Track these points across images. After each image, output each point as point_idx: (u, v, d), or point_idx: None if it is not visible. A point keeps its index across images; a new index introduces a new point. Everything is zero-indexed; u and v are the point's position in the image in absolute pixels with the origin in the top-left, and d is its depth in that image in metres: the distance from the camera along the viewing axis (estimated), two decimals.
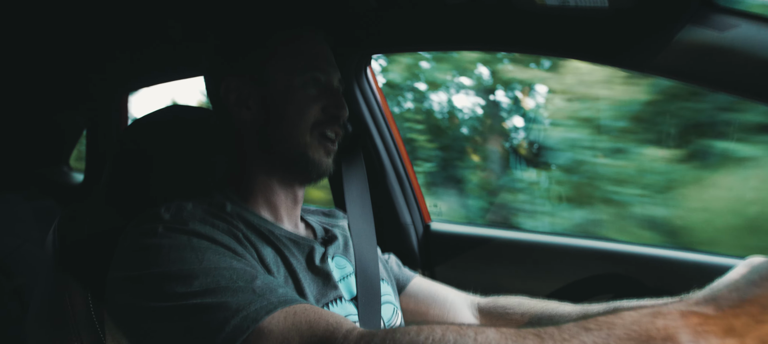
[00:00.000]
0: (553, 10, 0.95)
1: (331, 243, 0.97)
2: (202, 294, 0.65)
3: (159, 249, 0.71)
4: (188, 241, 0.72)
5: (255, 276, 0.70)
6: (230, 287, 0.66)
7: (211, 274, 0.68)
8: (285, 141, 0.90)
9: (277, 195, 0.94)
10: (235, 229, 0.80)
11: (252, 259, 0.77)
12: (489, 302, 1.09)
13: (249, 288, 0.67)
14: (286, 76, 0.90)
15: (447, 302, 1.09)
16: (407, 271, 1.17)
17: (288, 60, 0.91)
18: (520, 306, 1.03)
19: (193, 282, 0.66)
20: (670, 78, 0.94)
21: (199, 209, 0.82)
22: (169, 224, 0.75)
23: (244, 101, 0.91)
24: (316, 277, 0.86)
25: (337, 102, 0.93)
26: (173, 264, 0.69)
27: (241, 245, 0.78)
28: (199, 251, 0.71)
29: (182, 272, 0.68)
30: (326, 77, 0.94)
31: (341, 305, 0.86)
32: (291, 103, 0.90)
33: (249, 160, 0.93)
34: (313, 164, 0.92)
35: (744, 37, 0.82)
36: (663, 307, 0.52)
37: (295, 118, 0.90)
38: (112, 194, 1.00)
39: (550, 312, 0.99)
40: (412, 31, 1.23)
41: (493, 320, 1.06)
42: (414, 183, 1.54)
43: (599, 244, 1.31)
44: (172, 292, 0.66)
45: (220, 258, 0.71)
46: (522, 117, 2.69)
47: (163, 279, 0.68)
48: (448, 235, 1.51)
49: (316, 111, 0.91)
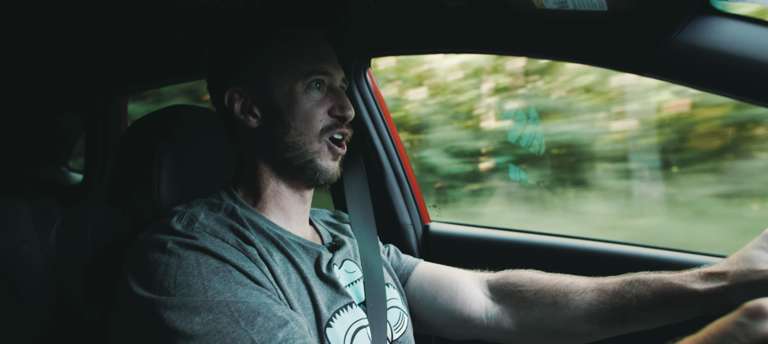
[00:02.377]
0: (552, 14, 0.95)
1: (339, 249, 0.96)
2: (201, 339, 0.66)
3: (167, 268, 0.72)
4: (196, 262, 0.72)
5: (257, 312, 0.70)
6: (230, 334, 0.67)
7: (214, 311, 0.68)
8: (293, 149, 0.90)
9: (287, 199, 0.94)
10: (247, 243, 0.80)
11: (261, 275, 0.77)
12: (500, 278, 1.05)
13: (247, 336, 0.67)
14: (288, 80, 0.90)
15: (454, 284, 1.05)
16: (408, 258, 1.14)
17: (289, 62, 0.90)
18: (533, 283, 1.00)
19: (194, 318, 0.67)
20: (668, 80, 0.95)
21: (212, 218, 0.82)
22: (180, 239, 0.75)
23: (248, 108, 0.91)
24: (325, 284, 0.86)
25: (342, 104, 0.92)
26: (179, 292, 0.69)
27: (250, 261, 0.77)
28: (206, 279, 0.71)
29: (185, 304, 0.68)
30: (330, 78, 0.93)
31: (352, 311, 0.86)
32: (296, 109, 0.89)
33: (258, 165, 0.93)
34: (321, 171, 0.92)
35: (742, 40, 0.83)
36: None
37: (301, 126, 0.89)
38: (114, 193, 1.00)
39: (564, 289, 0.95)
40: (411, 33, 1.23)
41: (506, 298, 1.02)
42: (413, 184, 1.55)
43: (600, 245, 1.31)
44: (173, 328, 0.67)
45: (226, 289, 0.71)
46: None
47: (166, 307, 0.68)
48: (447, 235, 1.51)
49: (322, 116, 0.91)
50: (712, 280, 0.80)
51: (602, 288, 0.92)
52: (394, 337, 0.93)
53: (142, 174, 0.95)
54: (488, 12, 1.04)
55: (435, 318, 1.06)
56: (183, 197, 0.96)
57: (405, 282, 1.09)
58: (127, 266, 0.76)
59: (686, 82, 0.92)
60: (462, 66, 2.54)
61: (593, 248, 1.31)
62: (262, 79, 0.90)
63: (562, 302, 0.94)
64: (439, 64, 2.62)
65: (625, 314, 0.88)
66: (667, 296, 0.83)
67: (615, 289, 0.90)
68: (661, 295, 0.84)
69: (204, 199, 0.90)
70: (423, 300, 1.06)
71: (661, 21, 0.87)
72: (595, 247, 1.31)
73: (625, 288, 0.89)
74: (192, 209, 0.83)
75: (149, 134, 0.98)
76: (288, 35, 0.93)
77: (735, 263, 0.79)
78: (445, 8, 1.06)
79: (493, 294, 1.05)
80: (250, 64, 0.91)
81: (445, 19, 1.12)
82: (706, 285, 0.80)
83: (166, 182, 0.95)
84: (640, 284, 0.87)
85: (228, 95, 0.91)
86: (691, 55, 0.87)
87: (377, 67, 2.39)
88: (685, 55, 0.88)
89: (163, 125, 1.00)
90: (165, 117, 1.02)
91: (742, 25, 0.84)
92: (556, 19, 0.98)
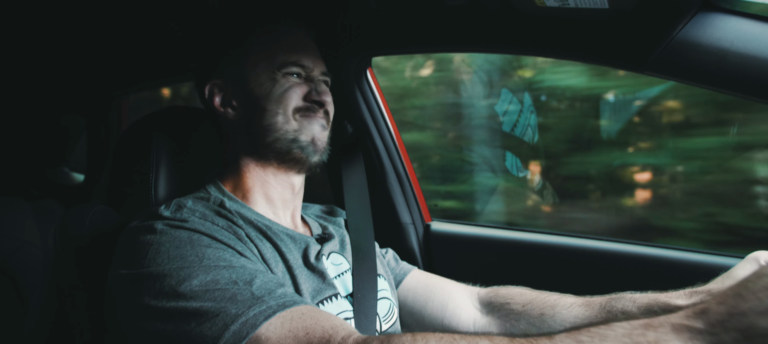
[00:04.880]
0: (553, 12, 0.95)
1: (327, 241, 0.97)
2: (201, 296, 0.65)
3: (159, 246, 0.71)
4: (188, 237, 0.73)
5: (254, 275, 0.70)
6: (229, 289, 0.66)
7: (211, 273, 0.68)
8: (272, 132, 0.91)
9: (273, 188, 0.95)
10: (236, 226, 0.81)
11: (252, 255, 0.77)
12: (489, 293, 1.08)
13: (248, 290, 0.67)
14: (264, 72, 0.91)
15: (446, 294, 1.08)
16: (405, 264, 1.16)
17: (265, 55, 0.92)
18: (522, 296, 1.02)
19: (192, 280, 0.67)
20: (669, 78, 0.94)
21: (200, 205, 0.83)
22: (169, 221, 0.75)
23: (228, 101, 0.93)
24: (311, 274, 0.86)
25: (318, 89, 0.94)
26: (173, 261, 0.69)
27: (241, 242, 0.78)
28: (199, 248, 0.71)
29: (182, 269, 0.68)
30: (307, 69, 0.94)
31: (337, 302, 0.86)
32: (271, 95, 0.91)
33: (242, 156, 0.94)
34: (306, 145, 0.92)
35: (744, 37, 0.83)
36: (654, 320, 0.53)
37: (275, 107, 0.91)
38: (112, 194, 1.01)
39: (552, 303, 0.98)
40: (412, 32, 1.23)
41: (494, 311, 1.04)
42: (414, 183, 1.54)
43: (600, 244, 1.31)
44: (171, 291, 0.66)
45: (220, 255, 0.71)
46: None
47: (163, 276, 0.68)
48: (448, 235, 1.51)
49: (295, 99, 0.92)
50: (698, 297, 0.83)
51: (589, 303, 0.94)
52: (383, 328, 0.94)
53: (139, 176, 0.95)
54: (489, 10, 1.03)
55: (423, 325, 1.07)
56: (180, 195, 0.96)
57: (398, 285, 1.11)
58: (118, 253, 0.77)
59: (688, 79, 0.92)
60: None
61: (594, 247, 1.31)
62: (239, 71, 0.93)
63: (549, 314, 0.96)
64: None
65: None
66: (652, 311, 0.85)
67: (601, 304, 0.93)
68: (646, 310, 0.86)
69: (191, 194, 0.91)
70: (414, 305, 1.08)
71: (662, 18, 0.87)
72: (595, 246, 1.31)
73: (611, 303, 0.91)
74: (179, 199, 0.84)
75: (146, 137, 0.99)
76: (267, 30, 0.95)
77: (720, 282, 0.83)
78: (447, 6, 1.06)
79: (483, 307, 1.07)
80: (229, 58, 0.94)
81: (446, 18, 1.12)
82: (691, 300, 0.83)
83: (163, 184, 0.96)
84: (626, 300, 0.90)
85: (208, 88, 0.94)
86: (693, 53, 0.86)
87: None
88: (686, 52, 0.87)
89: (160, 126, 1.00)
90: (162, 119, 1.03)
91: (744, 21, 0.83)
92: (557, 17, 0.97)
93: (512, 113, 2.20)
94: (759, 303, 0.48)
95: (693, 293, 0.84)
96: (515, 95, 2.19)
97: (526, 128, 2.19)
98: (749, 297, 0.49)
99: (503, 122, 2.22)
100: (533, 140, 2.20)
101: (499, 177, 2.30)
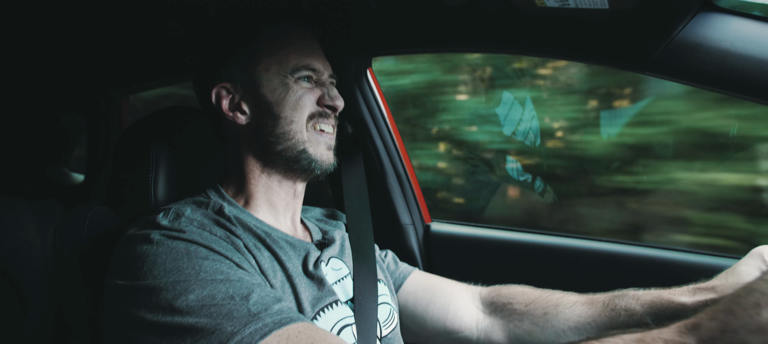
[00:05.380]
0: (553, 12, 0.95)
1: (327, 246, 0.96)
2: (197, 312, 0.64)
3: (155, 257, 0.70)
4: (186, 250, 0.71)
5: (251, 290, 0.69)
6: (225, 304, 0.65)
7: (207, 287, 0.67)
8: (284, 140, 0.90)
9: (276, 193, 0.94)
10: (234, 235, 0.79)
11: (250, 267, 0.76)
12: (491, 292, 1.07)
13: (244, 305, 0.66)
14: (276, 76, 0.90)
15: (448, 295, 1.07)
16: (405, 267, 1.15)
17: (277, 58, 0.90)
18: (524, 295, 1.02)
19: (188, 295, 0.66)
20: (669, 79, 0.94)
21: (198, 213, 0.81)
22: (166, 232, 0.74)
23: (237, 105, 0.91)
24: (311, 282, 0.85)
25: (331, 93, 0.93)
26: (169, 274, 0.68)
27: (239, 253, 0.77)
28: (196, 260, 0.70)
29: (178, 283, 0.67)
30: (318, 74, 0.94)
31: (337, 309, 0.85)
32: (286, 101, 0.89)
33: (248, 162, 0.93)
34: (314, 160, 0.92)
35: (745, 37, 0.83)
36: (647, 335, 0.53)
37: (290, 115, 0.89)
38: (112, 194, 1.00)
39: (555, 301, 0.97)
40: (412, 32, 1.23)
41: (497, 311, 1.03)
42: (414, 184, 1.54)
43: (600, 245, 1.31)
44: (167, 305, 0.65)
45: (217, 268, 0.70)
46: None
47: (159, 289, 0.67)
48: (448, 235, 1.51)
49: (310, 104, 0.91)
50: (701, 294, 0.82)
51: (592, 302, 0.94)
52: (383, 334, 0.93)
53: (139, 177, 0.95)
54: (490, 10, 1.03)
55: (425, 327, 1.06)
56: (179, 200, 0.96)
57: (399, 288, 1.10)
58: (114, 262, 0.76)
59: (688, 80, 0.91)
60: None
61: (594, 247, 1.31)
62: (250, 75, 0.90)
63: (552, 313, 0.96)
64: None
65: (614, 326, 0.89)
66: (655, 308, 0.85)
67: (605, 302, 0.92)
68: (650, 307, 0.86)
69: (191, 198, 0.90)
70: (415, 307, 1.07)
71: (662, 18, 0.87)
72: (595, 246, 1.31)
73: (614, 301, 0.91)
74: (178, 205, 0.83)
75: (146, 137, 0.98)
76: (274, 31, 0.93)
77: (724, 278, 0.82)
78: (447, 7, 1.06)
79: (485, 307, 1.06)
80: (236, 60, 0.91)
81: (446, 18, 1.12)
82: (694, 297, 0.82)
83: (162, 185, 0.95)
84: (629, 297, 0.89)
85: (215, 92, 0.91)
86: (693, 53, 0.86)
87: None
88: (687, 53, 0.87)
89: (159, 127, 1.00)
90: (161, 120, 1.02)
91: (745, 22, 0.83)
92: (558, 18, 0.97)
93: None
94: (750, 320, 0.48)
95: (696, 289, 0.83)
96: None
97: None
98: (740, 313, 0.49)
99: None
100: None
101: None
